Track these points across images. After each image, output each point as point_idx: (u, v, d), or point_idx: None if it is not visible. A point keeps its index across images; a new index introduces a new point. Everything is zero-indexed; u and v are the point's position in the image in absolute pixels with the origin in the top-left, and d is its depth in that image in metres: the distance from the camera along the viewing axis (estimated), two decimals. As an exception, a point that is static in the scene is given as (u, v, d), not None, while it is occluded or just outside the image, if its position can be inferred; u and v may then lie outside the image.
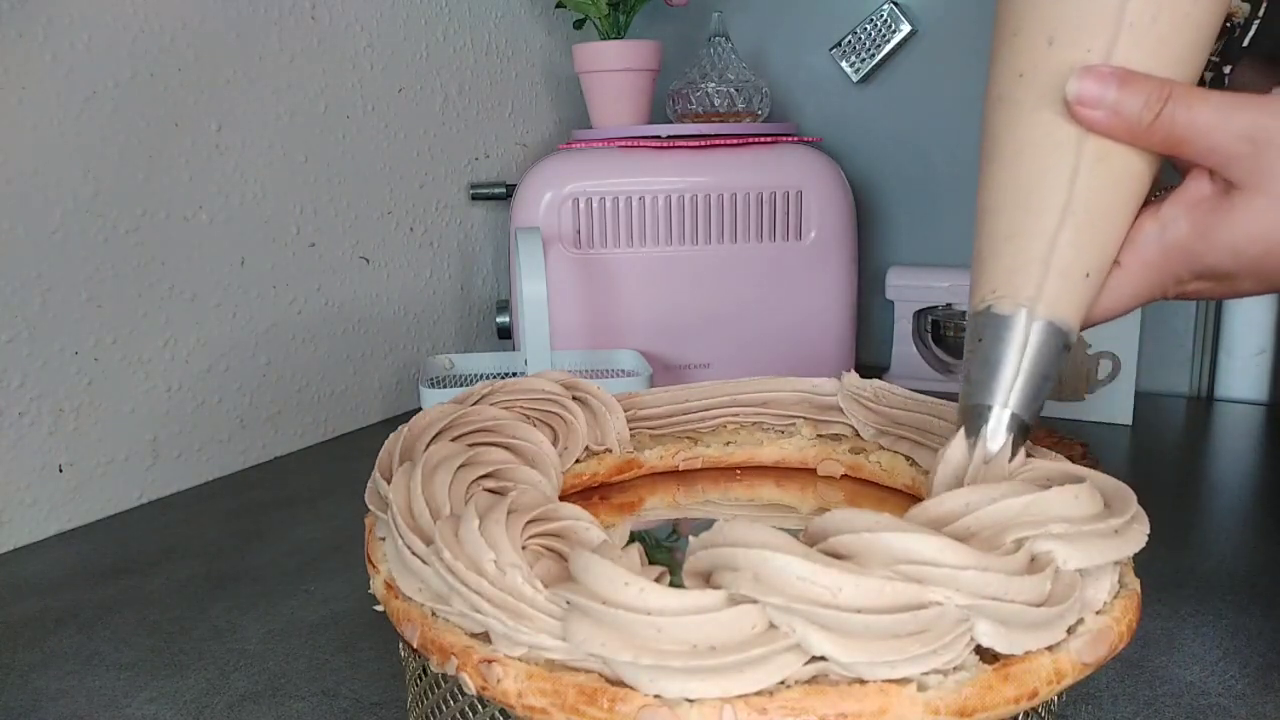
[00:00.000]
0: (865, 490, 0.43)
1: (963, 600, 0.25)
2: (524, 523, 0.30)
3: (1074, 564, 0.27)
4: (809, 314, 0.88)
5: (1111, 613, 0.28)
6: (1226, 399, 0.91)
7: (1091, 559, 0.27)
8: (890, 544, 0.26)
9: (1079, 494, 0.29)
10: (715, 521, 0.27)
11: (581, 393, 0.44)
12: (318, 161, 0.80)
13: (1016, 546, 0.27)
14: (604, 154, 0.86)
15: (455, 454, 0.35)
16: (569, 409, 0.43)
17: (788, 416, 0.46)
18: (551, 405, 0.43)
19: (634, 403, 0.47)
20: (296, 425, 0.80)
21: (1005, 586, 0.25)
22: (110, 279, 0.65)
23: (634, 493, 0.44)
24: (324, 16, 0.79)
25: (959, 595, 0.25)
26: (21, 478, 0.61)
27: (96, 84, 0.63)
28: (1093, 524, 0.28)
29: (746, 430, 0.46)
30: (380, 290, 0.87)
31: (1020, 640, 0.25)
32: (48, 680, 0.46)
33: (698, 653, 0.24)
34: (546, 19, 1.02)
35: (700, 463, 0.46)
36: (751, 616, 0.25)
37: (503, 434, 0.40)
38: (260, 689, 0.44)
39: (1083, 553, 0.27)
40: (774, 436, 0.46)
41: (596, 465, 0.44)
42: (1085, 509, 0.29)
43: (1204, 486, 0.70)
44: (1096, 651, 0.27)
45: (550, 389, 0.43)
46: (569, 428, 0.43)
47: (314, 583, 0.55)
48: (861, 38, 0.99)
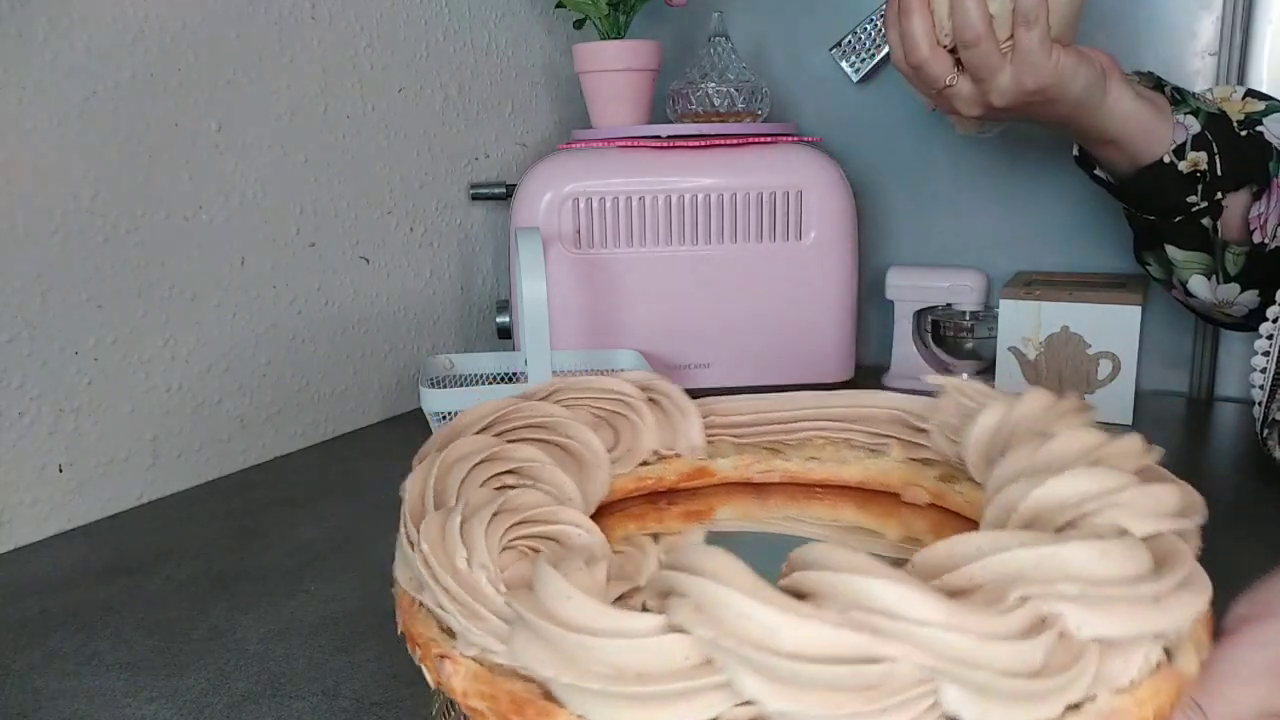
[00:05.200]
0: (950, 521, 0.40)
1: (921, 659, 0.22)
2: (511, 524, 0.29)
3: (1090, 631, 0.24)
4: (809, 314, 0.88)
5: (1135, 692, 0.24)
6: (1226, 399, 0.91)
7: (1114, 628, 0.24)
8: (852, 587, 0.23)
9: (1107, 551, 0.25)
10: (809, 541, 0.25)
11: (658, 394, 0.43)
12: (318, 161, 0.80)
13: (1020, 603, 0.24)
14: (604, 154, 0.86)
15: (481, 448, 0.35)
16: (636, 410, 0.42)
17: (879, 435, 0.43)
18: (618, 405, 0.42)
19: (716, 409, 0.45)
20: (296, 425, 0.80)
21: (978, 649, 0.22)
22: (110, 279, 0.65)
23: (705, 501, 0.43)
24: (324, 16, 0.79)
25: (917, 653, 0.22)
26: (21, 478, 0.61)
27: (96, 84, 0.63)
28: (1123, 587, 0.24)
29: (833, 446, 0.43)
30: (380, 290, 0.87)
31: (995, 712, 0.22)
32: (48, 680, 0.46)
33: (622, 678, 0.23)
34: (546, 19, 1.02)
35: (778, 476, 0.43)
36: (684, 648, 0.23)
37: (553, 431, 0.39)
38: (260, 689, 0.44)
39: (1103, 619, 0.24)
40: (861, 455, 0.43)
41: (664, 469, 0.43)
42: (1115, 568, 0.25)
43: (1204, 486, 0.70)
44: None
45: (622, 389, 0.42)
46: (634, 430, 0.42)
47: (314, 583, 0.55)
48: (861, 38, 0.99)
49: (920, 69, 0.68)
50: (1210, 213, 0.71)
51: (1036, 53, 0.64)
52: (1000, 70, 0.65)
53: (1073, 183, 0.94)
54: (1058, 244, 0.95)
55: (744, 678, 0.22)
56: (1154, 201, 0.72)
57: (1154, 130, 0.69)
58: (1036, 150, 0.94)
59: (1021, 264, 0.96)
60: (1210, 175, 0.69)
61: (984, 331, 0.92)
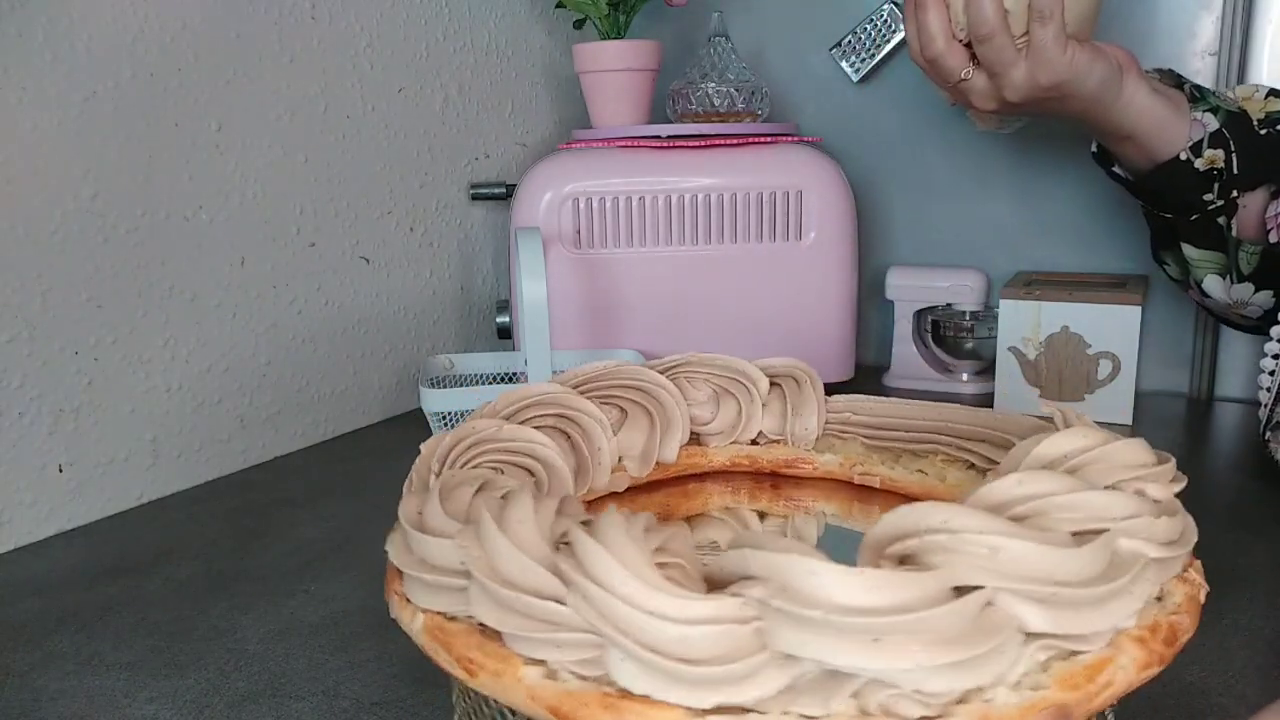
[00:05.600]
0: None
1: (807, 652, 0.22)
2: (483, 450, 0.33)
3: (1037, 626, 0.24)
4: (809, 314, 0.88)
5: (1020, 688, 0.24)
6: (1226, 399, 0.91)
7: (1059, 626, 0.24)
8: (747, 559, 0.23)
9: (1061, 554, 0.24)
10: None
11: (785, 380, 0.45)
12: (318, 161, 0.80)
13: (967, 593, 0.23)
14: (604, 154, 0.86)
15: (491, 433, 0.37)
16: (751, 392, 0.44)
17: (993, 461, 0.41)
18: (736, 385, 0.44)
19: (857, 406, 0.45)
20: (296, 425, 0.80)
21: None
22: (110, 279, 0.65)
23: (807, 491, 0.44)
24: (324, 16, 0.79)
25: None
26: (21, 478, 0.61)
27: (96, 84, 0.63)
28: (1069, 589, 0.24)
29: (947, 464, 0.41)
30: (380, 290, 0.87)
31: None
32: (48, 680, 0.46)
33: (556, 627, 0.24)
34: (546, 19, 1.02)
35: (876, 482, 0.43)
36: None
37: (645, 392, 0.43)
38: (260, 689, 0.44)
39: (1050, 620, 0.23)
40: (972, 477, 0.40)
41: (764, 452, 0.44)
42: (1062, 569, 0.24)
43: (1204, 486, 0.70)
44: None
45: (745, 370, 0.44)
46: (745, 409, 0.44)
47: (314, 583, 0.55)
48: (861, 38, 0.99)
49: (935, 62, 0.68)
50: (1226, 211, 0.70)
51: (1051, 48, 0.64)
52: (1015, 65, 0.66)
53: (1073, 183, 0.94)
54: (1058, 244, 0.95)
55: (615, 659, 0.23)
56: (1170, 199, 0.72)
57: (1170, 127, 0.69)
58: (1036, 150, 0.94)
59: (1021, 264, 0.96)
60: (1227, 173, 0.69)
61: (984, 331, 0.92)
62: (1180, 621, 0.27)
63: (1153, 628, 0.26)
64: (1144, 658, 0.25)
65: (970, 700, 0.23)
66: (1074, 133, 0.78)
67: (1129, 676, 0.25)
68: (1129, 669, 0.25)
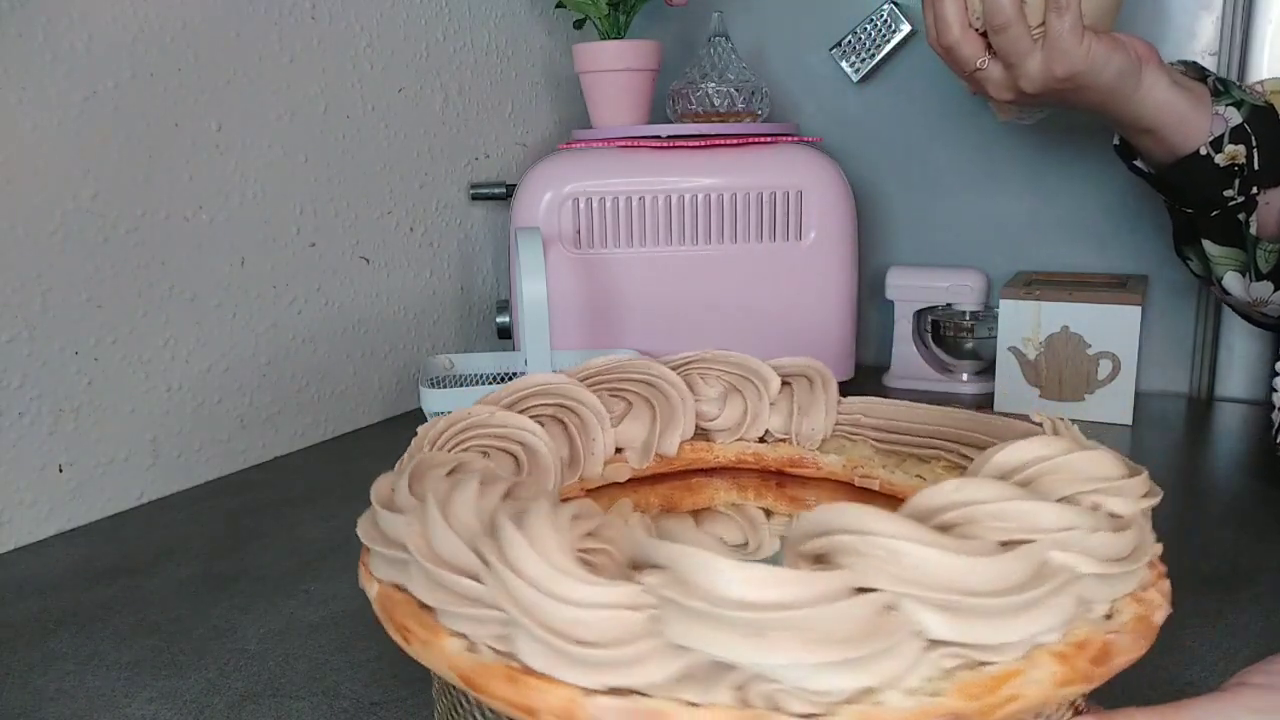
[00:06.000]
0: None
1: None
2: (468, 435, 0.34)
3: (943, 634, 0.23)
4: (809, 314, 0.88)
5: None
6: (1226, 399, 0.91)
7: (964, 635, 0.23)
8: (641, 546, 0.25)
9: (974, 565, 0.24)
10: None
11: (797, 380, 0.45)
12: (318, 161, 0.80)
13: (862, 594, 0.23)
14: (604, 154, 0.86)
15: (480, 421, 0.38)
16: (760, 391, 0.44)
17: None
18: (745, 384, 0.45)
19: (869, 409, 0.45)
20: (296, 425, 0.80)
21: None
22: (110, 279, 0.65)
23: (811, 490, 0.44)
24: (324, 16, 0.79)
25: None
26: (21, 478, 0.61)
27: (96, 84, 0.63)
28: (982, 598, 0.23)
29: (949, 470, 0.41)
30: (380, 290, 0.87)
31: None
32: (48, 680, 0.46)
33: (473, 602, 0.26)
34: (546, 19, 1.02)
35: (876, 485, 0.43)
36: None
37: (644, 381, 0.44)
38: (260, 689, 0.44)
39: (954, 628, 0.23)
40: None
41: (771, 450, 0.44)
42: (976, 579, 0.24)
43: (1204, 486, 0.70)
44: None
45: (756, 368, 0.44)
46: (753, 407, 0.44)
47: (314, 583, 0.55)
48: (861, 38, 0.99)
49: (950, 50, 0.68)
50: (1246, 208, 0.70)
51: (1067, 40, 0.64)
52: (1030, 56, 0.65)
53: (1074, 183, 0.94)
54: (1058, 244, 0.95)
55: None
56: (1190, 194, 0.71)
57: (1190, 121, 0.68)
58: (1037, 150, 0.94)
59: (1021, 264, 0.96)
60: (1248, 169, 0.68)
61: (984, 331, 0.92)
62: (1117, 641, 0.26)
63: (1080, 644, 0.25)
64: (1063, 674, 0.24)
65: (859, 701, 0.22)
66: (1075, 132, 0.78)
67: (1042, 691, 0.24)
68: (1043, 684, 0.24)
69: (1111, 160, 0.77)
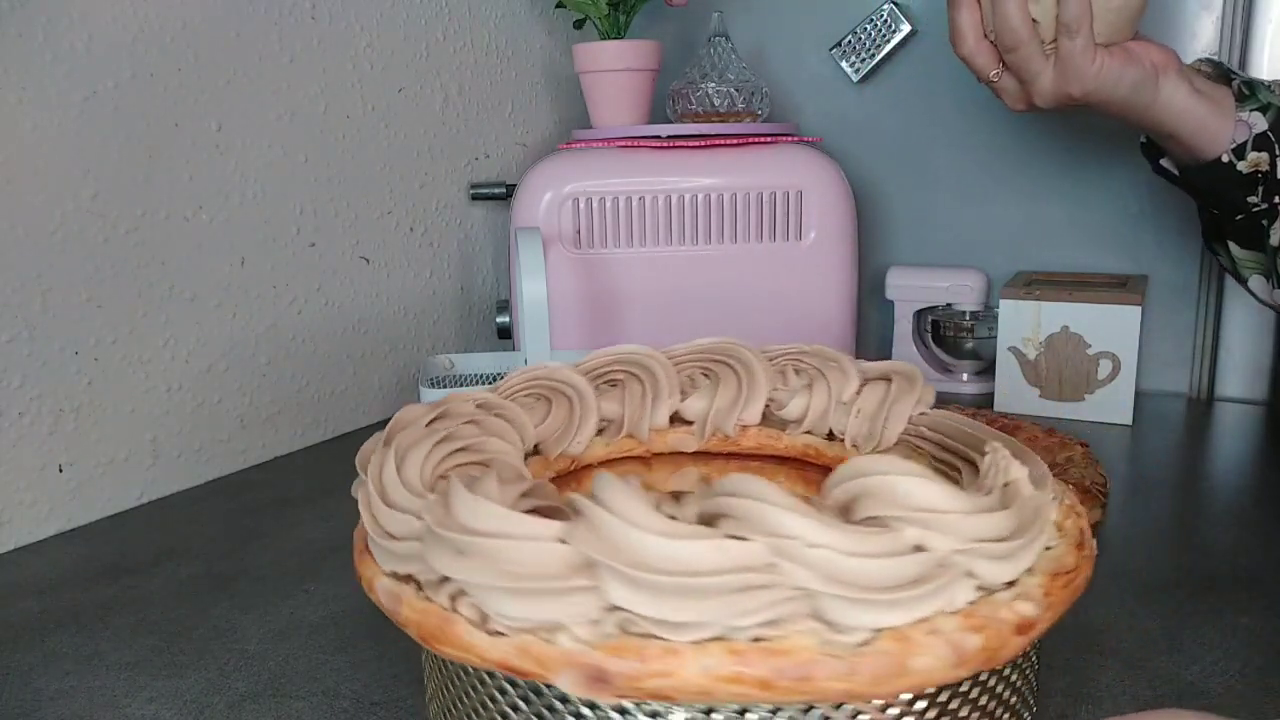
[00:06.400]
0: None
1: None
2: (448, 451, 0.36)
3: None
4: (809, 314, 0.88)
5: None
6: (1226, 399, 0.91)
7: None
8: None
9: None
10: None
11: (876, 381, 0.45)
12: (318, 161, 0.80)
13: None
14: (604, 154, 0.86)
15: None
16: (835, 388, 0.45)
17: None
18: (821, 377, 0.45)
19: (937, 421, 0.45)
20: (296, 425, 0.80)
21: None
22: (110, 279, 0.65)
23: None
24: (324, 16, 0.79)
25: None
26: (21, 478, 0.61)
27: (96, 84, 0.63)
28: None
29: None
30: (380, 290, 0.87)
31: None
32: (48, 680, 0.46)
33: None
34: (546, 19, 1.02)
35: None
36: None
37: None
38: (260, 689, 0.44)
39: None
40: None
41: (827, 447, 0.45)
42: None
43: (1204, 486, 0.70)
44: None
45: (841, 364, 0.45)
46: (815, 402, 0.45)
47: (314, 583, 0.55)
48: (861, 38, 0.99)
49: (967, 61, 0.68)
50: (1269, 215, 0.68)
51: (1079, 60, 0.63)
52: (1042, 74, 0.65)
53: (1074, 183, 0.94)
54: (1058, 244, 0.95)
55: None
56: (1214, 198, 0.70)
57: (1210, 128, 0.66)
58: (1037, 151, 0.94)
59: (1021, 264, 0.96)
60: (1271, 177, 0.66)
61: (984, 331, 0.92)
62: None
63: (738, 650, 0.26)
64: (726, 670, 0.25)
65: (537, 633, 0.26)
66: (1075, 132, 0.78)
67: (691, 676, 0.25)
68: (700, 674, 0.25)
69: (1111, 160, 0.77)
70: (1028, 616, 0.27)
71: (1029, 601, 0.27)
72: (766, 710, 0.27)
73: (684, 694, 0.25)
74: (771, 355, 0.48)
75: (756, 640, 0.25)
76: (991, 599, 0.27)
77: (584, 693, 0.25)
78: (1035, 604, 0.27)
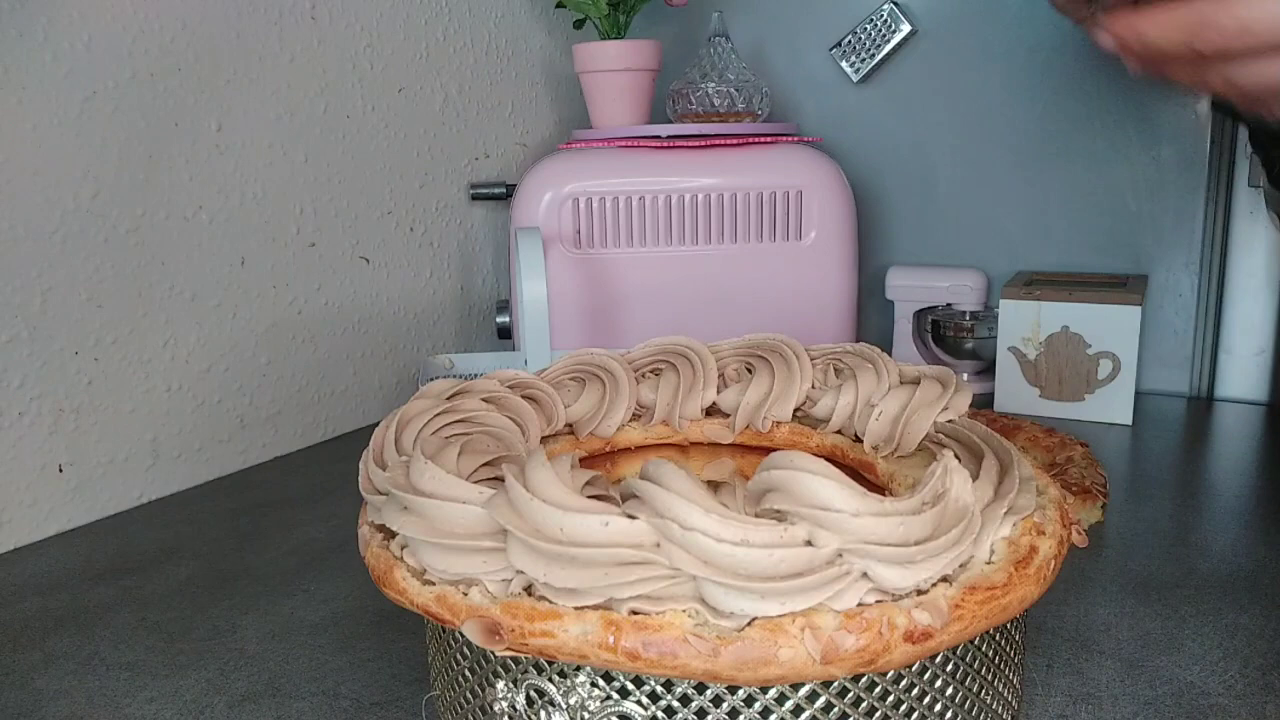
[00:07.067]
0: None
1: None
2: (448, 421, 0.39)
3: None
4: (809, 314, 0.88)
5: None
6: (1226, 399, 0.91)
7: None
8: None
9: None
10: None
11: (910, 383, 0.46)
12: (318, 161, 0.80)
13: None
14: (604, 154, 0.86)
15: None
16: (865, 388, 0.46)
17: None
18: (852, 376, 0.46)
19: (955, 429, 0.45)
20: (296, 425, 0.80)
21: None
22: (110, 279, 0.65)
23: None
24: (324, 16, 0.79)
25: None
26: (21, 478, 0.61)
27: (96, 84, 0.63)
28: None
29: None
30: (380, 290, 0.87)
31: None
32: (48, 680, 0.46)
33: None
34: (546, 19, 1.02)
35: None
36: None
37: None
38: (260, 689, 0.44)
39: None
40: None
41: (851, 448, 0.45)
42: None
43: (1204, 486, 0.70)
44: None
45: (880, 363, 0.46)
46: (838, 402, 0.46)
47: (314, 583, 0.55)
48: (861, 38, 0.99)
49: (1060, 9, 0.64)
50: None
51: None
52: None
53: (1073, 183, 0.94)
54: (1058, 244, 0.95)
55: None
56: None
57: None
58: (1036, 151, 0.94)
59: (1021, 264, 0.96)
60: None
61: (984, 331, 0.92)
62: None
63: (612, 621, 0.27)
64: (598, 637, 0.27)
65: (457, 586, 0.29)
66: (1076, 132, 0.78)
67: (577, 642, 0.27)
68: (582, 641, 0.27)
69: (1111, 160, 0.77)
70: (923, 626, 0.27)
71: (929, 612, 0.27)
72: (742, 697, 0.28)
73: (563, 654, 0.27)
74: (815, 354, 0.48)
75: (634, 614, 0.27)
76: (891, 604, 0.27)
77: (482, 642, 0.28)
78: (937, 615, 0.27)
